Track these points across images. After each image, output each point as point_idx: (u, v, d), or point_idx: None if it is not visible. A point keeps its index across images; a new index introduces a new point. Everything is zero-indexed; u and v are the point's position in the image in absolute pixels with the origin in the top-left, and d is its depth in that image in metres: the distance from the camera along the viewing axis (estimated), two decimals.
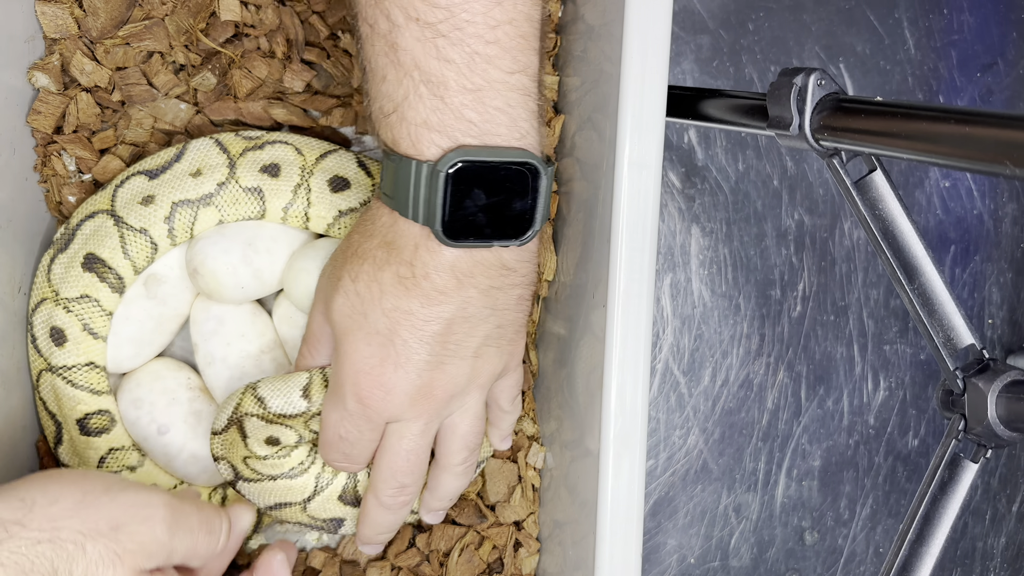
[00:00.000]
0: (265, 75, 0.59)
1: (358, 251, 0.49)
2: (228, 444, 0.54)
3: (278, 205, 0.58)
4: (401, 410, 0.50)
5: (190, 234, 0.58)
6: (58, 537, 0.40)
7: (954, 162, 0.40)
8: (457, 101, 0.45)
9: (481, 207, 0.46)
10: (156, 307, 0.59)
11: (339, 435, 0.51)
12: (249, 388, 0.54)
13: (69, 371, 0.57)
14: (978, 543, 0.76)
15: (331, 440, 0.52)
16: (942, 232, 0.75)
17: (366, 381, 0.49)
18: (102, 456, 0.58)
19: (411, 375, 0.49)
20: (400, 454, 0.52)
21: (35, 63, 0.58)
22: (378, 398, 0.49)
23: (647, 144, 0.47)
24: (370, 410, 0.50)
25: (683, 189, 0.71)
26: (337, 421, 0.51)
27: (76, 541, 0.40)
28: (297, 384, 0.54)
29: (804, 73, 0.48)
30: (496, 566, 0.62)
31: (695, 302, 0.72)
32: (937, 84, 0.74)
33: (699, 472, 0.72)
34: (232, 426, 0.54)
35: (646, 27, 0.46)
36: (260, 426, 0.54)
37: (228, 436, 0.54)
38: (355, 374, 0.49)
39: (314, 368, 0.54)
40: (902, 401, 0.74)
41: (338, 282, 0.49)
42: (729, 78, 0.72)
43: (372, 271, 0.48)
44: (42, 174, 0.59)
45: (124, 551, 0.42)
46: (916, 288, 0.50)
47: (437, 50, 0.44)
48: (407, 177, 0.45)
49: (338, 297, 0.49)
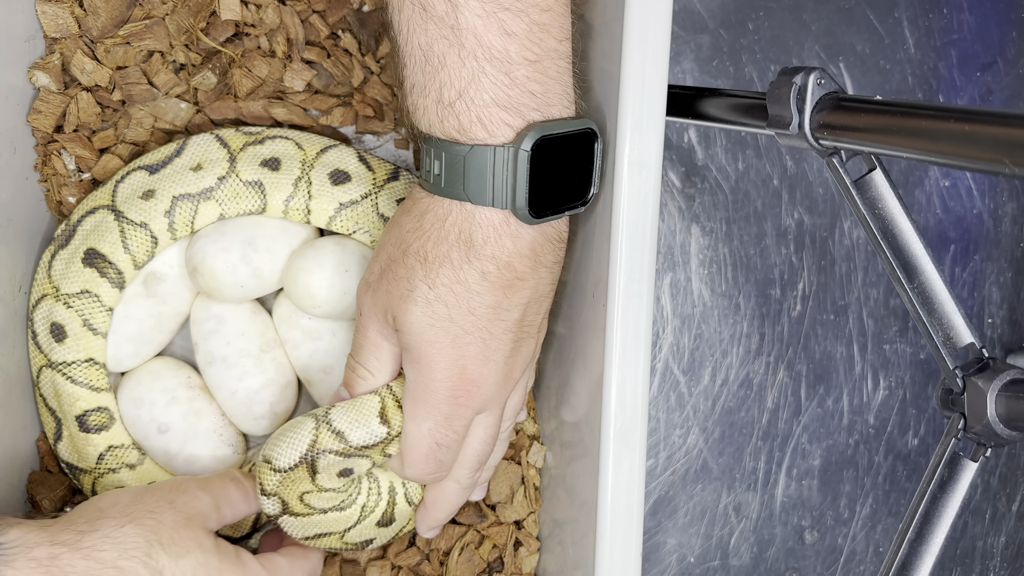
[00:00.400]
0: (265, 74, 0.59)
1: (427, 257, 0.47)
2: (289, 482, 0.51)
3: (279, 199, 0.58)
4: (490, 400, 0.51)
5: (191, 229, 0.58)
6: (135, 518, 0.47)
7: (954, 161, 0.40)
8: (521, 75, 0.44)
9: (553, 179, 0.46)
10: (155, 306, 0.59)
11: (435, 443, 0.50)
12: (322, 423, 0.51)
13: (69, 367, 0.57)
14: (978, 542, 0.76)
15: (425, 452, 0.51)
16: (942, 231, 0.75)
17: (461, 382, 0.49)
18: (101, 453, 0.58)
19: (499, 364, 0.50)
20: (486, 440, 0.53)
21: (36, 62, 0.58)
22: (473, 395, 0.49)
23: (647, 143, 0.47)
24: (466, 409, 0.50)
25: (683, 188, 0.71)
26: (431, 430, 0.50)
27: (151, 516, 0.48)
28: (372, 410, 0.51)
29: (804, 72, 0.48)
30: (496, 565, 0.62)
31: (695, 301, 0.72)
32: (937, 83, 0.74)
33: (699, 471, 0.72)
34: (301, 465, 0.51)
35: (646, 26, 0.46)
36: (336, 461, 0.51)
37: (293, 475, 0.51)
38: (448, 378, 0.49)
39: (378, 388, 0.52)
40: (902, 400, 0.74)
41: (410, 294, 0.48)
42: (729, 77, 0.72)
43: (452, 273, 0.47)
44: (42, 173, 0.60)
45: (188, 516, 0.49)
46: (916, 287, 0.50)
47: (500, 24, 0.44)
48: (483, 164, 0.45)
49: (413, 309, 0.48)
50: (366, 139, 0.63)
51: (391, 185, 0.60)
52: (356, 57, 0.61)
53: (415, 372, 0.49)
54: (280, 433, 0.51)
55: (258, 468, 0.51)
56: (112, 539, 0.45)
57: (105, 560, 0.44)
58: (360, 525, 0.55)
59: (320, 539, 0.54)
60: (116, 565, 0.45)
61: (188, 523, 0.49)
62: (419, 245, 0.48)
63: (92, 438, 0.58)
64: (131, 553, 0.45)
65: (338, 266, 0.57)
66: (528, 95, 0.45)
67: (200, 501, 0.51)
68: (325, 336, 0.60)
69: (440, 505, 0.56)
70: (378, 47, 0.61)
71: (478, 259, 0.47)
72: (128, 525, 0.46)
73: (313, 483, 0.51)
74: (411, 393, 0.50)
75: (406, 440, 0.51)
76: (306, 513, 0.52)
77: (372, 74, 0.61)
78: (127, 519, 0.47)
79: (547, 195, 0.47)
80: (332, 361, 0.60)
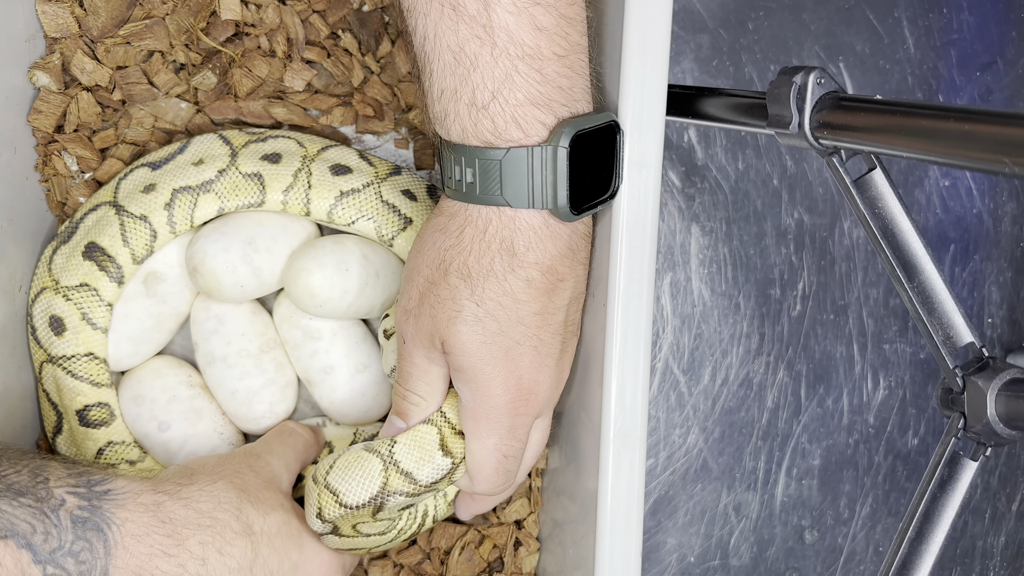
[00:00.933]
0: (265, 74, 0.59)
1: (471, 273, 0.47)
2: (352, 516, 0.51)
3: (278, 189, 0.57)
4: (546, 404, 0.51)
5: (190, 222, 0.57)
6: (225, 476, 0.50)
7: (954, 160, 0.40)
8: (552, 71, 0.44)
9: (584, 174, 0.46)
10: (155, 305, 0.59)
11: (503, 456, 0.51)
12: (389, 464, 0.50)
13: (69, 361, 0.57)
14: (978, 542, 0.76)
15: (495, 467, 0.51)
16: (942, 231, 0.75)
17: (519, 393, 0.49)
18: (100, 448, 0.58)
19: (552, 368, 0.50)
20: (543, 442, 0.54)
21: (36, 62, 0.58)
22: (532, 403, 0.50)
23: (647, 143, 0.47)
24: (526, 417, 0.50)
25: (683, 188, 0.71)
26: (497, 445, 0.50)
27: (238, 476, 0.51)
28: (433, 444, 0.51)
29: (804, 72, 0.48)
30: (496, 565, 0.62)
31: (695, 301, 0.72)
32: (936, 83, 0.74)
33: (699, 471, 0.72)
34: (370, 505, 0.50)
35: (646, 26, 0.46)
36: (406, 502, 0.51)
37: (358, 513, 0.50)
38: (506, 392, 0.49)
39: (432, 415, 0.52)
40: (902, 400, 0.74)
41: (457, 315, 0.47)
42: (729, 77, 0.72)
43: (498, 286, 0.47)
44: (43, 173, 0.60)
45: (267, 479, 0.52)
46: (916, 287, 0.50)
47: (532, 19, 0.43)
48: (521, 166, 0.45)
49: (463, 329, 0.47)
50: (366, 139, 0.63)
51: (394, 178, 0.59)
52: (356, 57, 0.61)
53: (472, 391, 0.49)
54: (345, 466, 0.50)
55: (319, 493, 0.51)
56: (208, 492, 0.48)
57: (203, 510, 0.47)
58: (391, 543, 0.56)
59: (353, 551, 0.55)
60: (212, 516, 0.47)
61: (268, 485, 0.52)
62: (461, 261, 0.47)
63: (92, 432, 0.58)
64: (224, 507, 0.48)
65: (338, 265, 0.57)
66: (558, 91, 0.45)
67: (273, 465, 0.54)
68: (326, 336, 0.59)
69: (493, 502, 0.58)
70: (378, 47, 0.61)
71: (522, 267, 0.46)
72: (220, 481, 0.50)
73: (374, 518, 0.51)
74: (471, 412, 0.50)
75: (473, 459, 0.51)
76: (351, 536, 0.52)
77: (372, 74, 0.61)
78: (218, 476, 0.50)
79: (581, 190, 0.46)
80: (333, 361, 0.60)
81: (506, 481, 0.52)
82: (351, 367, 0.60)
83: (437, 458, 0.51)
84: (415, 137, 0.63)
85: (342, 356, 0.60)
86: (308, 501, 0.51)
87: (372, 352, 0.61)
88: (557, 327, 0.49)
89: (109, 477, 0.46)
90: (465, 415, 0.50)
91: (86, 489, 0.45)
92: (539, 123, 0.45)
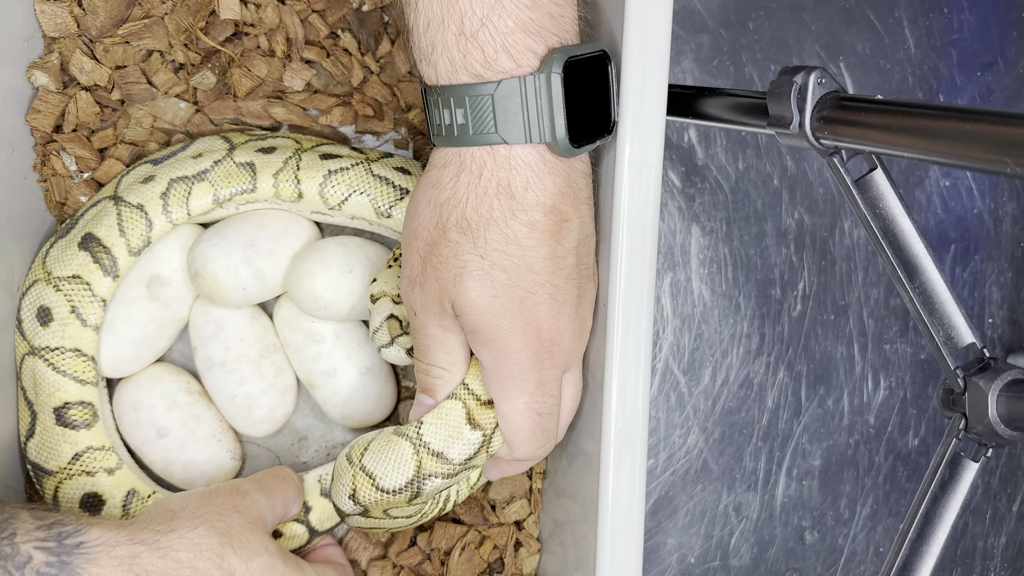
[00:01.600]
0: (265, 74, 0.59)
1: (470, 224, 0.45)
2: (386, 502, 0.49)
3: (268, 173, 0.57)
4: (572, 354, 0.49)
5: (186, 212, 0.57)
6: (206, 520, 0.48)
7: (954, 161, 0.40)
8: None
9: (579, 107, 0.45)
10: (158, 309, 0.58)
11: (536, 414, 0.48)
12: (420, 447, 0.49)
13: (52, 353, 0.55)
14: (978, 542, 0.76)
15: (530, 428, 0.48)
16: (942, 231, 0.75)
17: (541, 345, 0.47)
18: (77, 453, 0.56)
19: (571, 315, 0.47)
20: (577, 397, 0.51)
21: (34, 62, 0.57)
22: (556, 354, 0.47)
23: (647, 143, 0.47)
24: (553, 370, 0.48)
25: (683, 188, 0.71)
26: (528, 404, 0.48)
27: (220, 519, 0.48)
28: (459, 419, 0.49)
29: (804, 71, 0.48)
30: (497, 566, 0.61)
31: (695, 301, 0.72)
32: (937, 83, 0.74)
33: (699, 471, 0.72)
34: (408, 490, 0.49)
35: (646, 26, 0.46)
36: (444, 484, 0.50)
37: (395, 498, 0.49)
38: (527, 346, 0.46)
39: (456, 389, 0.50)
40: (902, 400, 0.74)
41: (462, 272, 0.45)
42: (729, 77, 0.72)
43: (500, 234, 0.45)
44: (41, 173, 0.59)
45: (251, 520, 0.50)
46: (916, 287, 0.50)
47: None
48: (514, 98, 0.43)
49: (471, 286, 0.45)
50: (366, 139, 0.63)
51: (385, 159, 0.59)
52: (356, 57, 0.60)
53: (492, 352, 0.47)
54: (379, 450, 0.49)
55: (354, 474, 0.49)
56: (187, 540, 0.46)
57: (182, 560, 0.45)
58: (412, 524, 0.55)
59: (372, 529, 0.54)
60: (192, 566, 0.45)
61: (252, 527, 0.49)
62: (459, 214, 0.45)
63: (69, 434, 0.55)
64: (205, 555, 0.46)
65: (342, 267, 0.57)
66: (549, 18, 0.43)
67: (259, 504, 0.52)
68: (328, 339, 0.59)
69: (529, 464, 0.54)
70: (378, 47, 0.61)
71: (522, 210, 0.44)
72: (201, 527, 0.47)
73: (409, 503, 0.50)
74: (494, 375, 0.47)
75: (507, 423, 0.48)
76: (379, 518, 0.51)
77: (372, 74, 0.61)
78: (199, 521, 0.47)
79: (577, 123, 0.45)
80: (336, 364, 0.59)
81: (546, 441, 0.50)
82: (354, 369, 0.60)
83: (466, 433, 0.49)
84: (415, 137, 0.63)
85: (344, 359, 0.59)
86: (339, 481, 0.50)
87: (374, 354, 0.61)
88: (570, 271, 0.47)
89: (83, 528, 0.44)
90: (490, 379, 0.48)
91: (56, 543, 0.42)
92: (530, 52, 0.43)
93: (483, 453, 0.50)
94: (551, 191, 0.45)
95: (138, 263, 0.58)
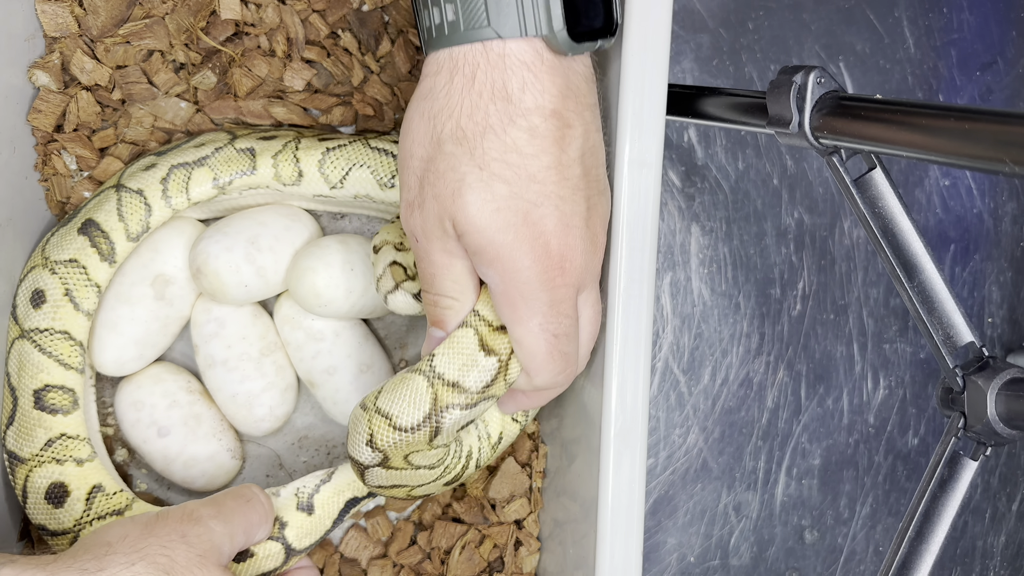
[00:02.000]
0: (265, 74, 0.59)
1: (466, 134, 0.42)
2: (408, 443, 0.47)
3: (267, 155, 0.57)
4: (585, 272, 0.46)
5: (186, 196, 0.57)
6: (147, 555, 0.42)
7: (954, 160, 0.40)
8: None
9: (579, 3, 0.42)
10: (163, 308, 0.59)
11: (552, 336, 0.45)
12: (434, 379, 0.47)
13: (41, 335, 0.54)
14: (978, 541, 0.76)
15: (546, 351, 0.45)
16: (942, 230, 0.75)
17: (550, 260, 0.44)
18: (51, 439, 0.54)
19: (581, 229, 0.45)
20: (596, 320, 0.48)
21: (35, 61, 0.58)
22: (567, 271, 0.44)
23: (647, 142, 0.47)
24: (566, 288, 0.45)
25: (683, 188, 0.71)
26: (542, 325, 0.45)
27: (163, 553, 0.43)
28: (471, 346, 0.46)
29: (804, 71, 0.48)
30: (497, 565, 0.61)
31: (695, 301, 0.72)
32: (937, 83, 0.74)
33: (699, 471, 0.72)
34: (426, 426, 0.47)
35: (646, 26, 0.46)
36: (462, 417, 0.47)
37: (414, 437, 0.47)
38: (535, 262, 0.43)
39: (468, 316, 0.47)
40: (902, 400, 0.74)
41: (460, 185, 0.42)
42: (729, 77, 0.72)
43: (498, 142, 0.42)
44: (42, 173, 0.60)
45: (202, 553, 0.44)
46: (916, 286, 0.50)
47: None
48: None
49: (470, 200, 0.42)
50: None
51: (383, 136, 0.59)
52: (356, 56, 0.60)
53: (498, 272, 0.44)
54: (393, 389, 0.47)
55: (369, 419, 0.47)
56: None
57: None
58: (434, 483, 0.53)
59: (393, 489, 0.51)
60: None
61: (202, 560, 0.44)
62: (453, 124, 0.43)
63: (45, 418, 0.54)
64: None
65: (344, 265, 0.57)
66: None
67: (214, 533, 0.46)
68: (328, 337, 0.59)
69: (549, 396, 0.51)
70: (378, 46, 0.61)
71: (521, 115, 0.42)
72: (139, 563, 0.42)
73: (430, 444, 0.47)
74: (503, 297, 0.45)
75: (521, 348, 0.46)
76: (400, 468, 0.49)
77: (372, 73, 0.61)
78: (138, 556, 0.42)
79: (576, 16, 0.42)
80: (336, 362, 0.59)
81: (565, 367, 0.47)
82: (354, 367, 0.60)
83: (481, 360, 0.46)
84: None
85: (345, 356, 0.59)
86: (355, 431, 0.48)
87: (375, 352, 0.61)
88: (576, 182, 0.44)
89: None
90: (500, 303, 0.45)
91: None
92: None
93: (500, 381, 0.47)
94: (551, 93, 0.42)
95: (143, 262, 0.58)
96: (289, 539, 0.54)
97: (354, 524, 0.62)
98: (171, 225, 0.59)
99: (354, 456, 0.49)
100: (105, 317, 0.58)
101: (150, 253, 0.58)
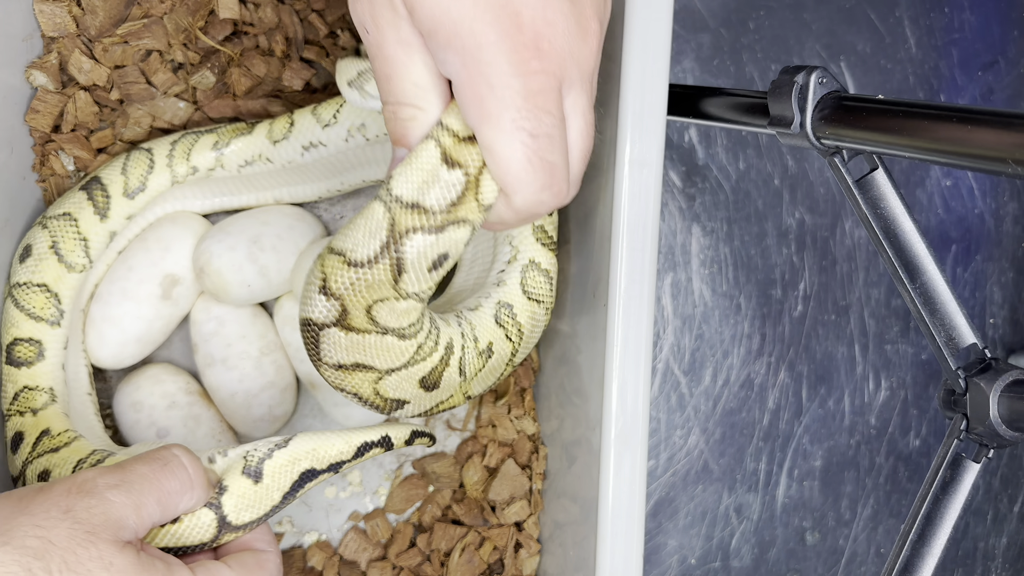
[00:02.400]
0: (264, 73, 0.59)
1: None
2: (365, 285, 0.41)
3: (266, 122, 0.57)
4: (569, 59, 0.37)
5: (187, 161, 0.57)
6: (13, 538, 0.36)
7: (955, 161, 0.40)
8: None
9: None
10: (167, 308, 0.59)
11: (530, 136, 0.37)
12: (391, 202, 0.40)
13: (19, 289, 0.54)
14: (980, 543, 0.76)
15: (524, 157, 0.37)
16: (943, 231, 0.74)
17: (522, 36, 0.36)
18: (16, 392, 0.53)
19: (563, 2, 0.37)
20: (586, 131, 0.40)
21: (33, 62, 0.57)
22: (545, 52, 0.36)
23: (648, 143, 0.47)
24: (544, 75, 0.37)
25: (684, 188, 0.71)
26: (515, 121, 0.37)
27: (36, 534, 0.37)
28: (431, 158, 0.40)
29: (805, 71, 0.48)
30: (497, 567, 0.61)
31: (696, 302, 0.72)
32: (938, 83, 0.74)
33: (700, 472, 0.72)
34: (385, 259, 0.40)
35: (647, 25, 0.46)
36: (428, 244, 0.40)
37: (374, 273, 0.40)
38: (501, 39, 0.36)
39: (431, 128, 0.40)
40: (903, 401, 0.74)
41: None
42: (730, 76, 0.71)
43: None
44: (40, 173, 0.59)
45: (90, 529, 0.38)
46: (917, 287, 0.50)
47: None
48: None
49: None
50: None
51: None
52: None
53: (458, 54, 0.36)
54: (349, 224, 0.42)
55: (323, 261, 0.41)
56: None
57: None
58: (404, 372, 0.46)
59: (355, 373, 0.45)
60: None
61: (90, 538, 0.37)
62: None
63: (12, 372, 0.53)
64: None
65: None
66: None
67: (111, 504, 0.39)
68: None
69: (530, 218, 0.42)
70: None
71: None
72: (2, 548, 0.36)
73: (395, 288, 0.41)
74: (468, 89, 0.37)
75: (494, 157, 0.38)
76: (362, 330, 0.42)
77: None
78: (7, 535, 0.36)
79: None
80: None
81: (550, 180, 0.38)
82: None
83: (443, 174, 0.39)
84: None
85: None
86: (308, 282, 0.42)
87: None
88: None
89: None
90: (465, 100, 0.37)
91: None
92: None
93: (471, 200, 0.40)
94: None
95: (152, 259, 0.58)
96: (225, 508, 0.45)
97: (353, 527, 0.62)
98: (182, 223, 0.59)
99: (305, 314, 0.42)
100: (108, 312, 0.58)
101: (160, 251, 0.58)
